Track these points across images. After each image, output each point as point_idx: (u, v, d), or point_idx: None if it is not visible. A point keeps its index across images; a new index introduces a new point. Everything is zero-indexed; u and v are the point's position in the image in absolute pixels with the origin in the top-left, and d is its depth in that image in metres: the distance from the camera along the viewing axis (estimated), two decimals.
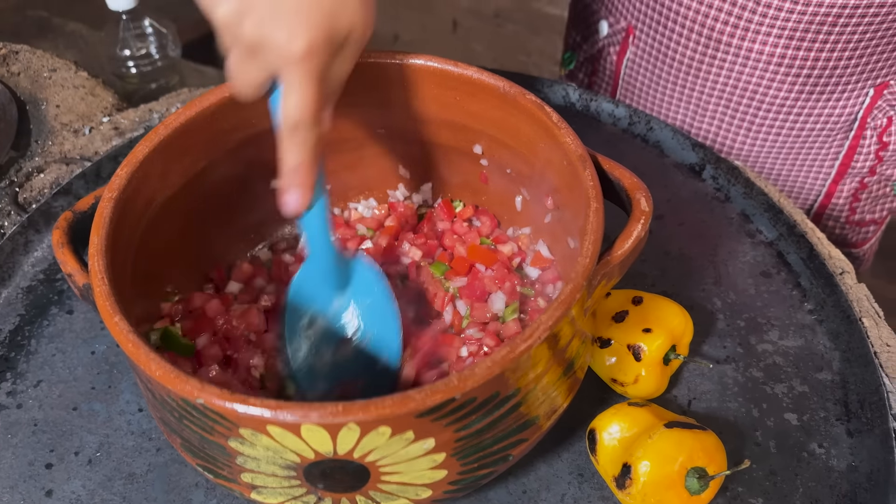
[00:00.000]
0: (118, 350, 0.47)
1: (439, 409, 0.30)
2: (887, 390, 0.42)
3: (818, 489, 0.39)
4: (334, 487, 0.33)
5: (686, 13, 0.64)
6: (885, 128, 0.69)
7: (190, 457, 0.35)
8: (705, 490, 0.36)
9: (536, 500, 0.40)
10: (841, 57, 0.62)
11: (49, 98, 0.64)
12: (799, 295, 0.47)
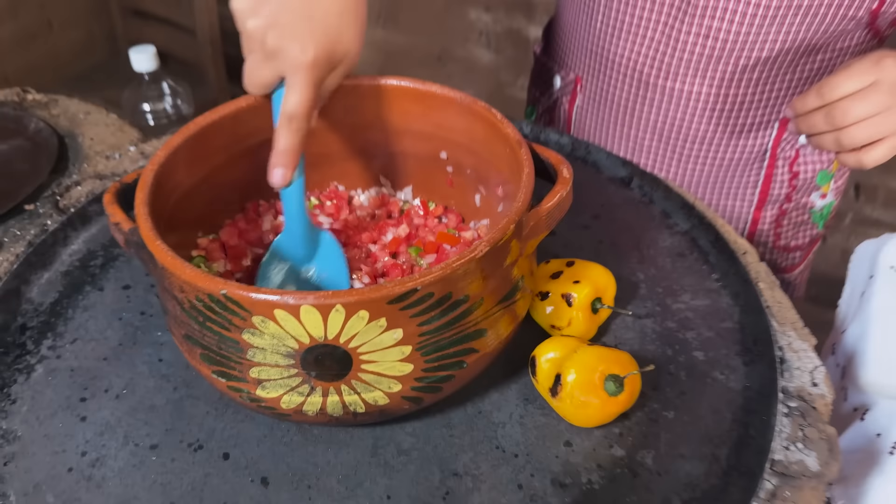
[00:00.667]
0: (142, 316, 0.56)
1: (405, 297, 0.39)
2: (775, 331, 0.51)
3: (719, 403, 0.48)
4: (324, 375, 0.42)
5: (622, 61, 0.78)
6: (793, 159, 0.82)
7: (207, 366, 0.44)
8: (621, 392, 0.45)
9: (490, 418, 0.48)
10: (753, 97, 0.75)
11: (84, 132, 0.76)
12: (707, 268, 0.58)
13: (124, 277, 0.59)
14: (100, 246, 0.62)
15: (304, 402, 0.43)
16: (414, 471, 0.45)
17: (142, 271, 0.60)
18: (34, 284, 0.58)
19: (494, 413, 0.48)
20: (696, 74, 0.74)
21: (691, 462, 0.44)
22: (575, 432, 0.47)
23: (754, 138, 0.79)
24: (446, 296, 0.41)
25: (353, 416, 0.44)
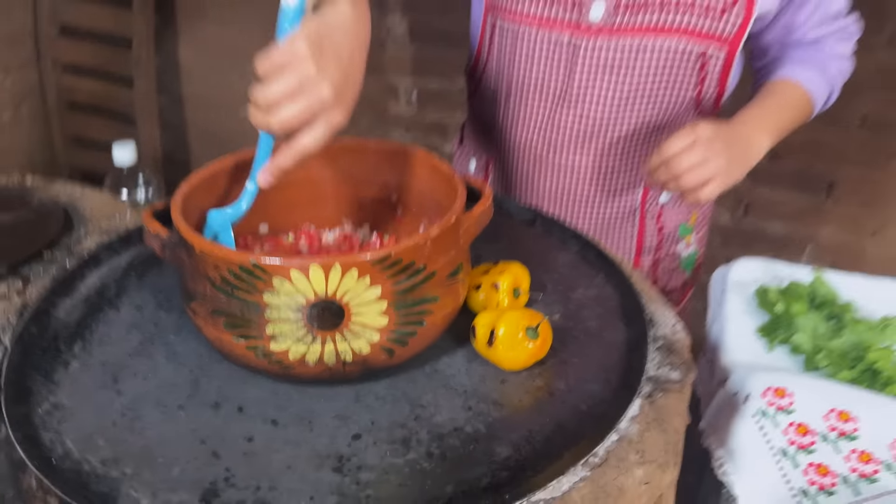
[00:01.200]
0: (155, 326, 0.68)
1: (383, 260, 0.55)
2: (645, 304, 0.70)
3: (609, 349, 0.64)
4: (324, 325, 0.56)
5: (520, 144, 0.99)
6: (658, 214, 1.04)
7: (229, 332, 0.57)
8: (537, 338, 0.61)
9: (443, 372, 0.62)
10: (621, 165, 0.97)
11: (83, 204, 0.89)
12: (594, 272, 0.76)
13: (136, 300, 0.71)
14: (112, 280, 0.74)
15: (307, 351, 0.57)
16: (389, 408, 0.59)
17: (152, 295, 0.72)
18: (60, 308, 0.69)
19: (446, 369, 0.63)
20: (576, 150, 0.96)
21: (591, 384, 0.60)
22: (507, 374, 0.62)
23: (626, 198, 1.01)
24: (410, 263, 0.57)
25: (343, 365, 0.58)
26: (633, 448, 0.53)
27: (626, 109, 0.91)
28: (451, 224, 0.59)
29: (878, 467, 0.68)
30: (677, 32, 0.84)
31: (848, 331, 0.81)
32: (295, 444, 0.55)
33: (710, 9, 0.83)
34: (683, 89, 0.89)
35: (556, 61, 0.90)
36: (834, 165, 1.72)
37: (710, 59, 0.87)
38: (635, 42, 0.85)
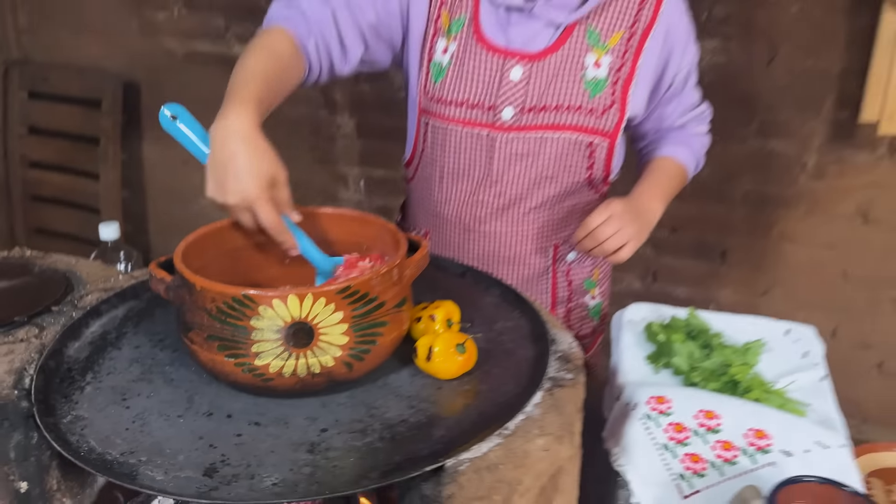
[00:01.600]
0: (153, 361, 0.81)
1: (343, 291, 0.71)
2: (548, 327, 0.87)
3: (520, 362, 0.81)
4: (298, 343, 0.71)
5: (451, 217, 1.18)
6: (567, 271, 1.23)
7: (221, 353, 0.71)
8: (465, 352, 0.77)
9: (392, 385, 0.77)
10: (534, 231, 1.17)
11: (80, 269, 1.03)
12: (512, 309, 0.93)
13: (134, 342, 0.85)
14: (112, 327, 0.87)
15: (284, 365, 0.71)
16: (349, 410, 0.73)
17: (147, 338, 0.86)
18: (71, 348, 0.82)
19: (395, 382, 0.78)
20: (497, 220, 1.16)
21: (507, 385, 0.76)
22: (442, 383, 0.78)
23: (540, 258, 1.20)
24: (365, 294, 0.73)
25: (312, 376, 0.73)
26: (535, 424, 0.69)
27: (535, 187, 1.11)
28: (396, 265, 0.76)
29: (736, 453, 0.85)
30: (570, 128, 1.06)
31: (716, 353, 1.00)
32: (275, 436, 0.69)
33: (593, 111, 1.05)
34: (578, 171, 1.11)
35: (477, 151, 1.10)
36: (724, 236, 1.98)
37: (597, 147, 1.09)
38: (538, 135, 1.07)
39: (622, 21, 1.05)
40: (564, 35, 1.04)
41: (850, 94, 1.76)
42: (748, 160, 1.88)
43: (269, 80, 0.89)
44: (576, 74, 1.04)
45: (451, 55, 1.07)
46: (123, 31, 2.33)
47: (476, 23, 1.06)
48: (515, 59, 1.04)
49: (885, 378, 2.02)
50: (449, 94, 1.08)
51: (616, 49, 1.05)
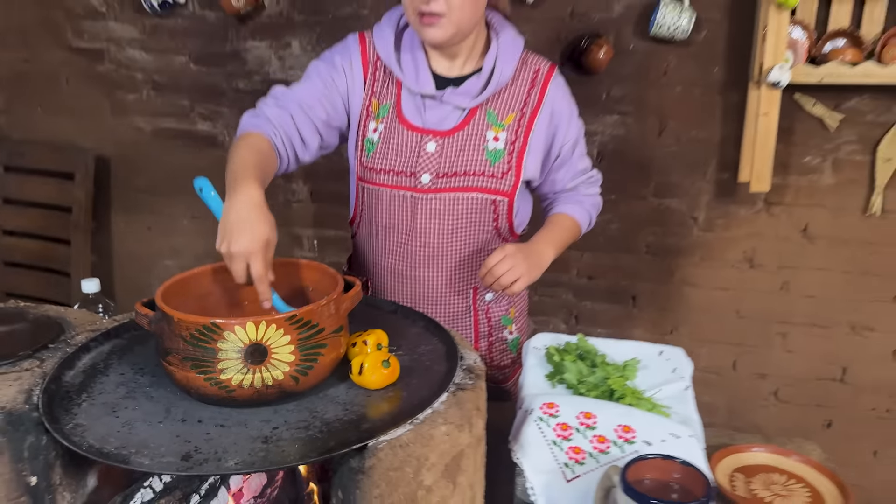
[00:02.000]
0: (136, 384, 0.98)
1: (290, 318, 0.90)
2: (459, 348, 1.07)
3: (434, 375, 1.00)
4: (254, 361, 0.89)
5: (385, 264, 1.38)
6: (487, 310, 1.45)
7: (194, 371, 0.89)
8: (389, 367, 0.97)
9: (331, 395, 0.96)
10: (456, 275, 1.38)
11: (68, 316, 1.20)
12: (432, 337, 1.13)
13: (119, 370, 1.02)
14: (101, 360, 1.04)
15: (243, 378, 0.90)
16: (296, 414, 0.91)
17: (129, 367, 1.03)
18: (67, 375, 0.99)
19: (333, 393, 0.97)
20: (424, 267, 1.37)
21: (422, 391, 0.95)
22: (371, 392, 0.96)
23: (461, 299, 1.41)
24: (308, 321, 0.92)
25: (266, 387, 0.91)
26: (440, 416, 0.88)
27: (452, 238, 1.33)
28: (333, 299, 0.96)
29: (609, 444, 1.06)
30: (476, 190, 1.29)
31: (600, 370, 1.21)
32: (236, 433, 0.87)
33: (494, 175, 1.29)
34: (485, 223, 1.34)
35: (404, 210, 1.32)
36: (634, 282, 2.22)
37: (499, 204, 1.32)
38: (452, 196, 1.29)
39: (514, 104, 1.30)
40: (468, 116, 1.28)
41: (729, 159, 2.06)
42: (649, 216, 2.15)
43: (260, 167, 1.12)
44: (479, 147, 1.28)
45: (379, 134, 1.30)
46: (96, 111, 2.52)
47: (399, 108, 1.29)
48: (430, 136, 1.28)
49: (781, 404, 2.26)
50: (379, 164, 1.30)
51: (510, 126, 1.29)
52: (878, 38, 1.88)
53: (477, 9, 1.23)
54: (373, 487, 0.81)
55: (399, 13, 1.33)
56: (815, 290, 2.13)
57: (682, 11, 1.92)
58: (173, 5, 2.29)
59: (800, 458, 1.28)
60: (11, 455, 0.85)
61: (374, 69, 1.32)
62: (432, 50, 1.29)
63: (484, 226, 1.34)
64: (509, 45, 1.30)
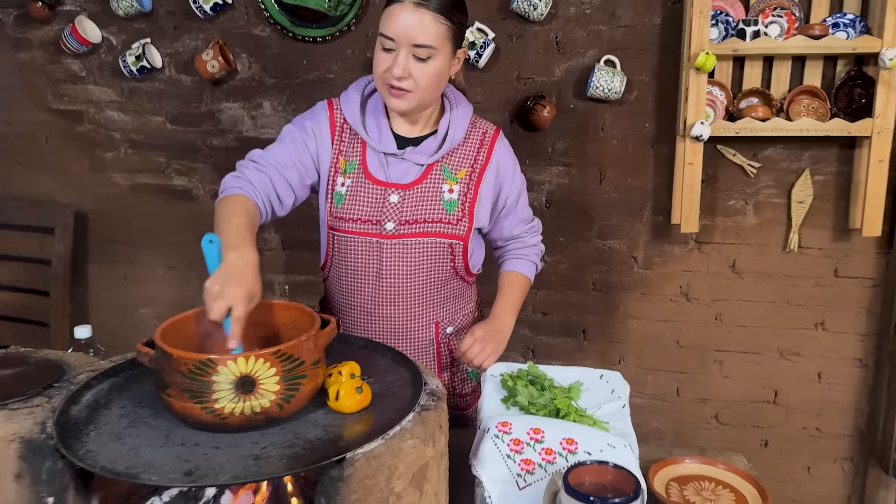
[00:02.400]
0: (137, 416, 1.09)
1: (276, 353, 1.03)
2: (424, 376, 1.21)
3: (402, 398, 1.13)
4: (244, 390, 1.01)
5: (356, 304, 1.52)
6: (448, 343, 1.59)
7: (191, 401, 1.01)
8: (362, 393, 1.10)
9: (311, 419, 1.08)
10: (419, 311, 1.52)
11: (67, 360, 1.30)
12: (399, 367, 1.27)
13: (120, 404, 1.13)
14: (102, 396, 1.15)
15: (235, 406, 1.02)
16: (281, 437, 1.03)
17: (129, 401, 1.14)
18: (74, 409, 1.09)
19: (312, 417, 1.09)
20: (389, 305, 1.51)
21: (391, 413, 1.08)
22: (347, 416, 1.09)
23: (425, 333, 1.55)
24: (291, 355, 1.05)
25: (254, 414, 1.03)
26: (407, 433, 1.01)
27: (415, 277, 1.48)
28: (312, 335, 1.09)
29: (555, 456, 1.20)
30: (434, 235, 1.45)
31: (548, 393, 1.36)
32: (230, 454, 0.98)
33: (450, 222, 1.45)
34: (444, 264, 1.49)
35: (370, 254, 1.47)
36: (583, 317, 2.39)
37: (455, 247, 1.48)
38: (413, 241, 1.45)
39: (465, 161, 1.47)
40: (426, 171, 1.45)
41: (662, 204, 2.27)
42: (593, 256, 2.33)
43: (252, 230, 1.26)
44: (436, 197, 1.45)
45: (346, 187, 1.45)
46: (75, 168, 2.63)
47: (364, 164, 1.45)
48: (393, 189, 1.44)
49: (722, 426, 2.43)
50: (347, 213, 1.46)
51: (463, 180, 1.46)
52: (786, 97, 2.12)
53: (439, 87, 1.41)
54: (350, 493, 0.93)
55: (365, 82, 1.50)
56: (746, 319, 2.33)
57: (615, 75, 2.14)
58: (151, 70, 2.44)
59: (725, 467, 1.43)
60: (31, 478, 0.96)
61: (341, 131, 1.48)
62: (394, 114, 1.46)
63: (443, 266, 1.49)
64: (461, 112, 1.48)
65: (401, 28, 1.33)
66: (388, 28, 1.35)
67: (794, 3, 2.05)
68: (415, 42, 1.33)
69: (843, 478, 2.39)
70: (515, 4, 2.14)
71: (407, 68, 1.34)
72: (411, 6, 1.33)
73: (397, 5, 1.34)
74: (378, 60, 1.38)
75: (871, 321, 2.26)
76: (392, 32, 1.34)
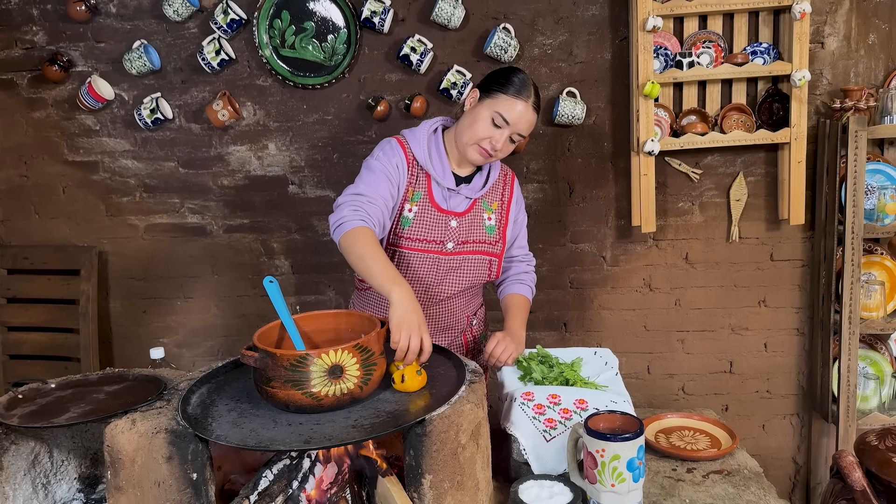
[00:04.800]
0: (240, 409, 1.33)
1: (356, 346, 1.29)
2: (464, 362, 1.49)
3: (451, 378, 1.41)
4: (334, 376, 1.27)
5: None
6: (472, 331, 1.87)
7: (294, 389, 1.26)
8: (422, 374, 1.37)
9: (383, 398, 1.34)
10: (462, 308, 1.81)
11: (159, 374, 1.53)
12: (447, 358, 1.55)
13: (224, 402, 1.36)
14: (206, 398, 1.38)
15: (328, 389, 1.27)
16: (366, 412, 1.29)
17: (231, 399, 1.37)
18: (189, 408, 1.33)
19: (384, 397, 1.35)
20: (437, 306, 1.78)
21: (446, 388, 1.36)
22: (410, 394, 1.36)
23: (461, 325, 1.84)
24: (366, 347, 1.32)
25: (342, 395, 1.29)
26: (465, 399, 1.29)
27: (464, 284, 1.77)
28: (379, 331, 1.36)
29: (571, 414, 1.49)
30: (479, 253, 1.75)
31: (556, 368, 1.65)
32: (332, 427, 1.23)
33: (491, 243, 1.75)
34: (483, 275, 1.79)
35: (430, 267, 1.75)
36: (564, 311, 2.70)
37: (493, 262, 1.78)
38: (464, 257, 1.74)
39: (496, 195, 1.80)
40: (473, 203, 1.76)
41: (623, 209, 2.60)
42: (568, 258, 2.65)
43: (391, 263, 1.52)
44: (481, 224, 1.76)
45: (414, 213, 1.74)
46: (92, 214, 2.81)
47: (430, 195, 1.74)
48: (452, 216, 1.74)
49: (688, 396, 2.77)
50: (414, 234, 1.73)
51: (497, 210, 1.79)
52: (719, 113, 2.49)
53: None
54: (431, 445, 1.20)
55: (430, 127, 1.78)
56: (701, 303, 2.68)
57: (576, 104, 2.48)
58: (164, 121, 2.66)
59: (699, 418, 1.76)
60: (179, 459, 1.19)
61: (412, 166, 1.76)
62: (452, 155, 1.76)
63: (482, 276, 1.81)
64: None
65: (517, 118, 1.66)
66: (508, 114, 1.66)
67: (719, 36, 2.43)
68: (520, 133, 1.68)
69: (791, 431, 2.75)
70: (489, 49, 2.45)
71: (505, 148, 1.70)
72: (531, 107, 1.68)
73: (522, 102, 1.66)
74: (482, 127, 1.67)
75: (804, 295, 2.64)
76: (510, 119, 1.66)
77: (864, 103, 2.34)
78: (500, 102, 1.66)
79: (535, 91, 1.69)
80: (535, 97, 1.69)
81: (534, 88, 1.69)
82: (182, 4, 2.51)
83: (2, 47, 2.71)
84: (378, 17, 2.45)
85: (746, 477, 1.49)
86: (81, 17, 2.60)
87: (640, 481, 1.29)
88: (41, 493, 1.45)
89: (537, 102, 1.70)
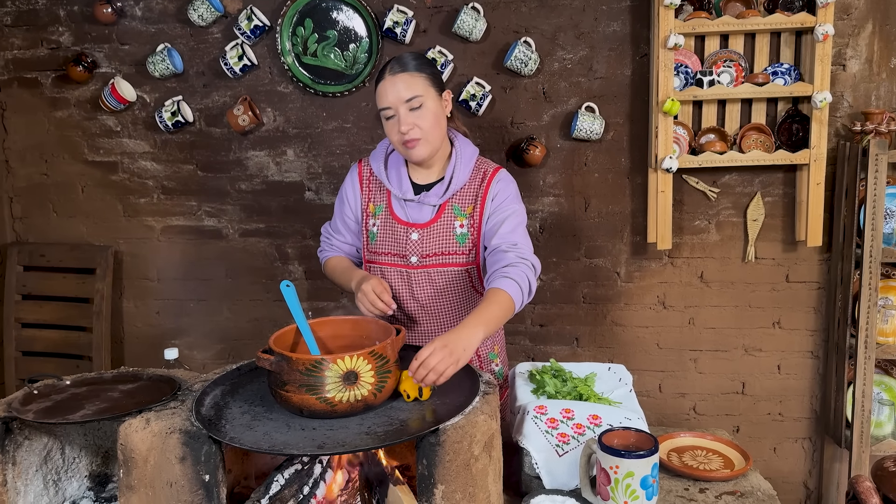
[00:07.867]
0: (254, 412, 1.33)
1: (371, 353, 1.29)
2: (478, 373, 1.48)
3: (466, 389, 1.41)
4: (349, 382, 1.27)
5: (389, 319, 1.80)
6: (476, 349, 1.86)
7: (307, 394, 1.26)
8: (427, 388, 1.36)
9: (394, 406, 1.34)
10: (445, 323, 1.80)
11: (172, 374, 1.53)
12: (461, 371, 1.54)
13: (238, 404, 1.37)
14: (220, 399, 1.39)
15: (342, 395, 1.27)
16: (379, 418, 1.29)
17: (244, 401, 1.38)
18: (203, 409, 1.33)
19: (397, 405, 1.35)
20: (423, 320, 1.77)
21: (461, 398, 1.35)
22: (417, 403, 1.36)
23: None
24: (380, 354, 1.32)
25: (356, 401, 1.29)
26: (478, 410, 1.28)
27: (442, 298, 1.74)
28: (392, 340, 1.36)
29: (584, 429, 1.48)
30: (451, 265, 1.72)
31: (570, 383, 1.65)
32: (345, 433, 1.23)
33: (463, 252, 1.72)
34: (464, 286, 1.76)
35: (401, 280, 1.74)
36: (576, 326, 2.69)
37: (471, 272, 1.75)
38: (434, 270, 1.72)
39: (470, 199, 1.73)
40: (440, 211, 1.72)
41: (639, 226, 2.60)
42: (582, 273, 2.65)
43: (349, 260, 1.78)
44: (449, 233, 1.72)
45: (377, 227, 1.74)
46: (109, 214, 2.84)
47: (390, 208, 1.74)
48: (413, 228, 1.72)
49: (699, 416, 2.74)
50: (380, 248, 1.73)
51: (470, 215, 1.73)
52: (738, 133, 2.48)
53: (440, 125, 1.67)
54: (444, 455, 1.20)
55: (388, 142, 1.77)
56: (715, 322, 2.66)
57: (595, 119, 2.48)
58: (184, 124, 2.69)
59: (713, 438, 1.74)
60: (192, 460, 1.19)
61: (369, 182, 1.77)
62: (412, 165, 1.74)
63: (463, 288, 1.75)
64: (465, 156, 1.74)
65: (390, 95, 1.61)
66: (382, 101, 1.64)
67: (740, 55, 2.43)
68: (405, 98, 1.60)
69: (803, 455, 2.72)
70: (509, 62, 2.46)
71: (409, 121, 1.62)
72: (390, 78, 1.61)
73: (381, 84, 1.63)
74: (388, 130, 1.66)
75: (819, 318, 2.62)
76: (387, 103, 1.63)
77: (885, 127, 2.32)
78: (377, 102, 1.66)
79: (399, 58, 1.65)
80: (398, 63, 1.63)
81: (398, 58, 1.65)
82: (207, 9, 2.54)
83: (28, 46, 2.75)
84: (400, 28, 2.47)
85: (760, 499, 1.47)
86: (107, 20, 2.63)
87: (653, 499, 1.27)
88: (52, 489, 1.45)
89: (402, 63, 1.63)
